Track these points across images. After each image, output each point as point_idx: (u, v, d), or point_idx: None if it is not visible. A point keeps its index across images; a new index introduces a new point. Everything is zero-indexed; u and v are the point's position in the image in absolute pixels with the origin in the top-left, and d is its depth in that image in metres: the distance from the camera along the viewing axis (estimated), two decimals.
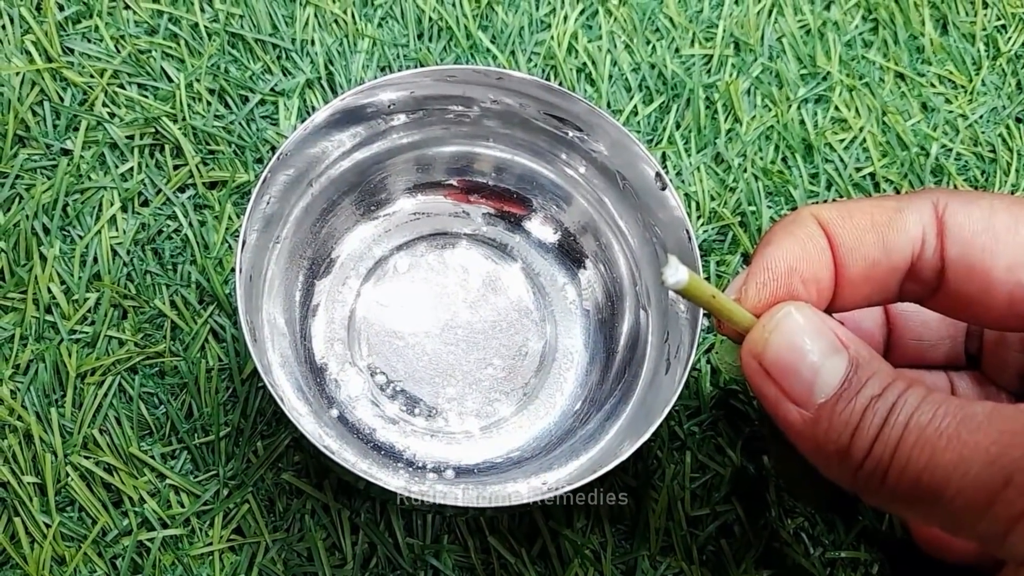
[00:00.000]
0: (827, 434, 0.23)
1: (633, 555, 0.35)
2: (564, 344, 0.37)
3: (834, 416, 0.23)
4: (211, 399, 0.35)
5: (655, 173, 0.34)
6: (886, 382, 0.23)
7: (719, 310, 0.25)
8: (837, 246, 0.26)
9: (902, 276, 0.26)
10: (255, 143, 0.39)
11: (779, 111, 0.44)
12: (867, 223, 0.26)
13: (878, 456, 0.22)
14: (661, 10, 0.45)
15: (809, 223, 0.26)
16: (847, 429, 0.23)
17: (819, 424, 0.23)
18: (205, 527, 0.34)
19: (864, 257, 0.26)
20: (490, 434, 0.36)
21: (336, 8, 0.43)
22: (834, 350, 0.24)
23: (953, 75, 0.46)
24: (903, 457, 0.22)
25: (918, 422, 0.22)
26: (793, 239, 0.26)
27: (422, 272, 0.38)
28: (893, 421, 0.22)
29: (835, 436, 0.23)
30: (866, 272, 0.26)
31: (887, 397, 0.23)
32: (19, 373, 0.35)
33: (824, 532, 0.36)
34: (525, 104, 0.35)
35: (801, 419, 0.24)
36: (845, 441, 0.23)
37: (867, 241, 0.26)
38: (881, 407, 0.22)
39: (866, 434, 0.22)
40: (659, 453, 0.37)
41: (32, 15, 0.40)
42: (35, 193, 0.37)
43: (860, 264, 0.26)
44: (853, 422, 0.23)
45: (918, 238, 0.25)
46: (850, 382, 0.23)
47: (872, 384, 0.23)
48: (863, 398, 0.23)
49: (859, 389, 0.23)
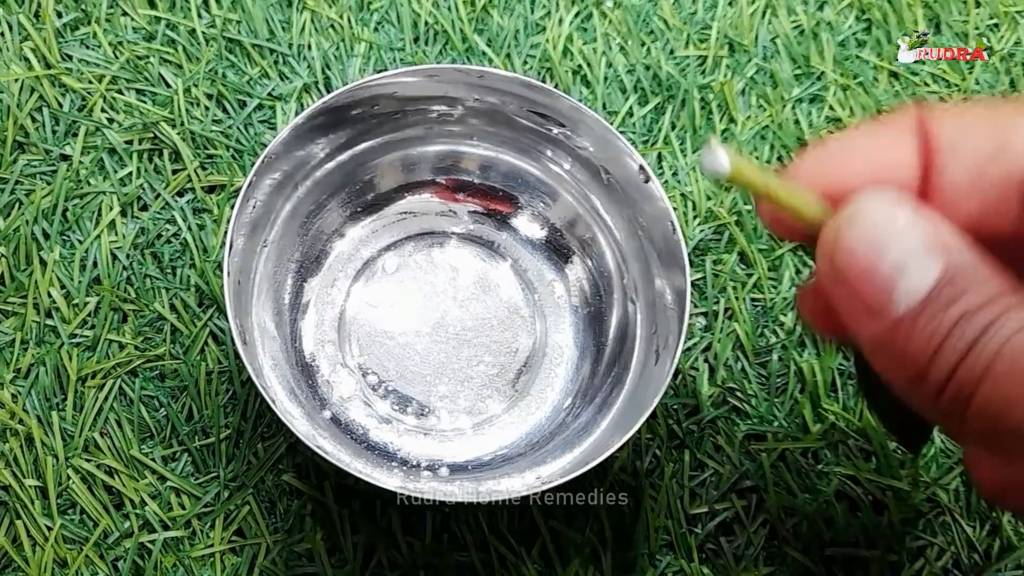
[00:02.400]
0: (904, 352, 0.19)
1: (633, 553, 0.35)
2: (554, 340, 0.38)
3: (914, 331, 0.19)
4: (211, 401, 0.35)
5: (638, 166, 0.34)
6: (988, 296, 0.19)
7: (779, 200, 0.21)
8: (936, 143, 0.21)
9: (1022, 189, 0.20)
10: (253, 147, 0.40)
11: (774, 111, 0.44)
12: (980, 117, 0.21)
13: (959, 384, 0.19)
14: (655, 12, 0.45)
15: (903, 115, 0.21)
16: (928, 348, 0.19)
17: (896, 340, 0.19)
18: (206, 529, 0.34)
19: (971, 157, 0.20)
20: (482, 431, 0.36)
21: (332, 13, 0.43)
22: (926, 251, 0.19)
23: (947, 74, 0.46)
24: (988, 390, 0.18)
25: (1012, 350, 0.18)
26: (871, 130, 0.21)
27: (411, 271, 0.38)
28: (984, 344, 0.18)
29: (913, 355, 0.19)
30: (974, 178, 0.20)
31: (983, 315, 0.18)
32: (20, 377, 0.35)
33: (823, 530, 0.36)
34: (508, 102, 0.36)
35: (875, 332, 0.20)
36: (924, 362, 0.19)
37: (976, 134, 0.20)
38: (973, 326, 0.18)
39: (949, 357, 0.19)
40: (658, 452, 0.37)
41: (31, 22, 0.40)
42: (35, 198, 0.37)
43: (966, 167, 0.20)
44: (936, 341, 0.19)
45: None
46: (940, 292, 0.19)
47: (969, 298, 0.19)
48: (953, 313, 0.19)
49: (951, 302, 0.19)
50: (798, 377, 0.38)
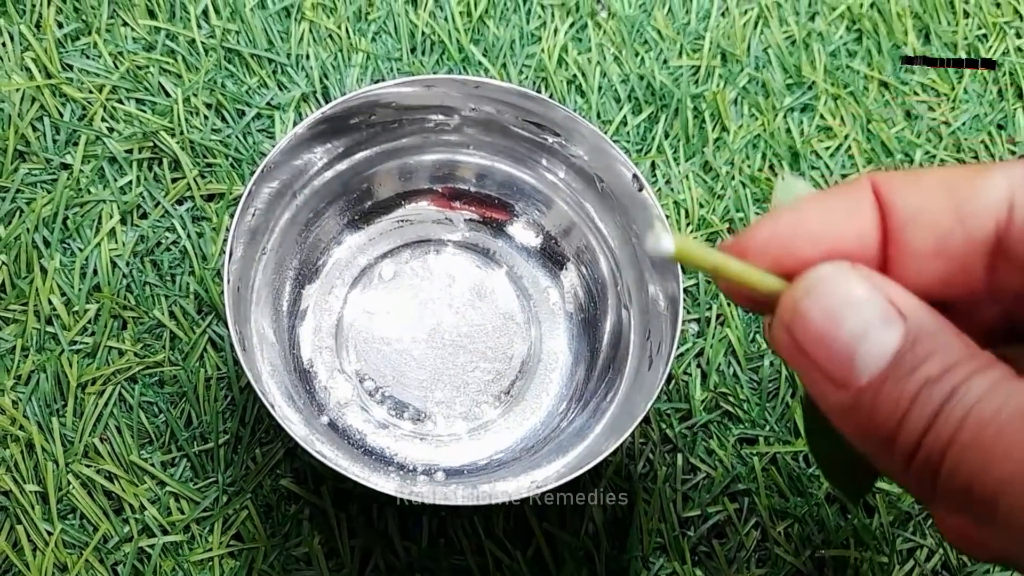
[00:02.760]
0: (870, 420, 0.19)
1: (626, 556, 0.36)
2: (548, 346, 0.38)
3: (879, 399, 0.19)
4: (210, 407, 0.36)
5: (632, 175, 0.34)
6: (950, 362, 0.18)
7: (730, 276, 0.21)
8: (894, 211, 0.21)
9: (988, 252, 0.20)
10: (251, 156, 0.40)
11: (766, 120, 0.44)
12: (936, 183, 0.20)
13: (928, 452, 0.18)
14: (649, 22, 0.46)
15: (857, 185, 0.21)
16: (895, 416, 0.19)
17: (860, 408, 0.19)
18: (205, 533, 0.34)
19: (932, 224, 0.20)
20: (478, 436, 0.36)
21: (331, 23, 0.44)
22: (884, 319, 0.19)
23: (936, 83, 0.47)
24: (956, 458, 0.18)
25: (977, 417, 0.18)
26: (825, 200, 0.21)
27: (407, 278, 0.39)
28: (949, 411, 0.18)
29: (880, 423, 0.19)
30: (936, 244, 0.20)
31: (947, 380, 0.18)
32: (21, 383, 0.35)
33: (814, 532, 0.37)
34: (504, 111, 0.36)
35: (839, 401, 0.19)
36: (891, 430, 0.19)
37: (935, 204, 0.20)
38: (937, 393, 0.18)
39: (916, 424, 0.18)
40: (651, 456, 0.37)
41: (32, 32, 0.41)
42: (35, 207, 0.38)
43: (927, 234, 0.20)
44: (902, 408, 0.18)
45: (1004, 199, 0.20)
46: (903, 359, 0.19)
47: (932, 363, 0.18)
48: (916, 380, 0.18)
49: (914, 368, 0.18)
50: (789, 382, 0.39)
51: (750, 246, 0.22)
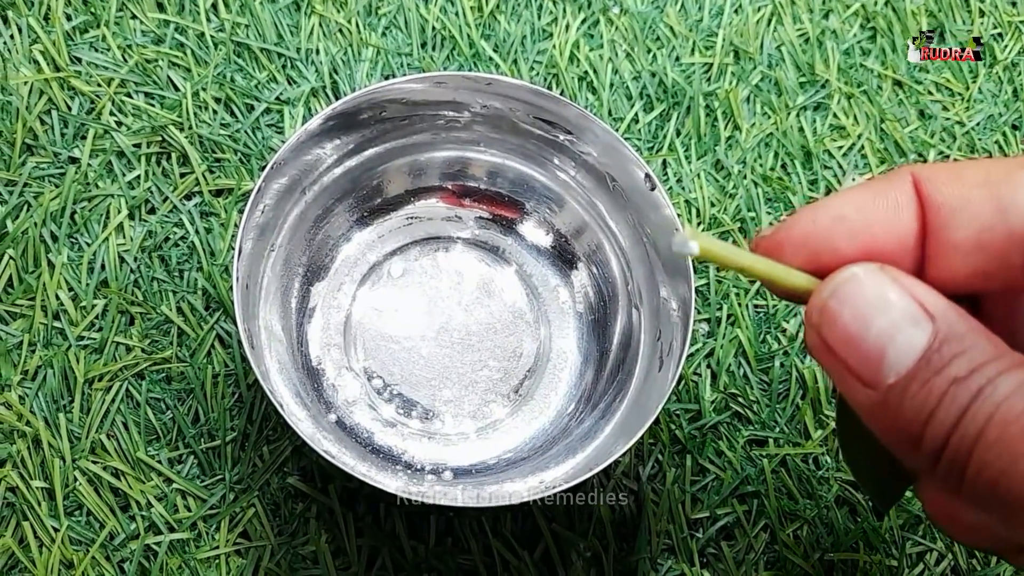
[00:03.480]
0: (898, 419, 0.19)
1: (635, 558, 0.35)
2: (558, 345, 0.38)
3: (906, 398, 0.19)
4: (217, 404, 0.36)
5: (644, 174, 0.34)
6: (978, 362, 0.19)
7: (756, 275, 0.21)
8: (935, 206, 0.21)
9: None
10: (260, 151, 0.40)
11: (778, 118, 0.44)
12: (978, 179, 0.21)
13: (955, 450, 0.19)
14: (661, 19, 0.46)
15: (898, 180, 0.21)
16: (921, 415, 0.19)
17: (889, 406, 0.19)
18: (211, 531, 0.34)
19: (972, 218, 0.21)
20: (486, 435, 0.36)
21: (340, 18, 0.43)
22: (912, 321, 0.19)
23: (950, 83, 0.46)
24: (981, 457, 0.18)
25: (1004, 415, 0.18)
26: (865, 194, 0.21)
27: (417, 276, 0.38)
28: (976, 409, 0.18)
29: (907, 422, 0.19)
30: (976, 238, 0.21)
31: (973, 380, 0.18)
32: (28, 379, 0.35)
33: (824, 535, 0.36)
34: (515, 108, 0.36)
35: (868, 400, 0.20)
36: (918, 429, 0.19)
37: (976, 199, 0.21)
38: (964, 392, 0.18)
39: (943, 423, 0.19)
40: (660, 457, 0.37)
41: (40, 25, 0.41)
42: (43, 201, 0.38)
43: (967, 228, 0.21)
44: (928, 407, 0.19)
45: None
46: (928, 360, 0.19)
47: (958, 363, 0.19)
48: (942, 379, 0.19)
49: (940, 368, 0.19)
50: (800, 383, 0.39)
51: (787, 241, 0.22)
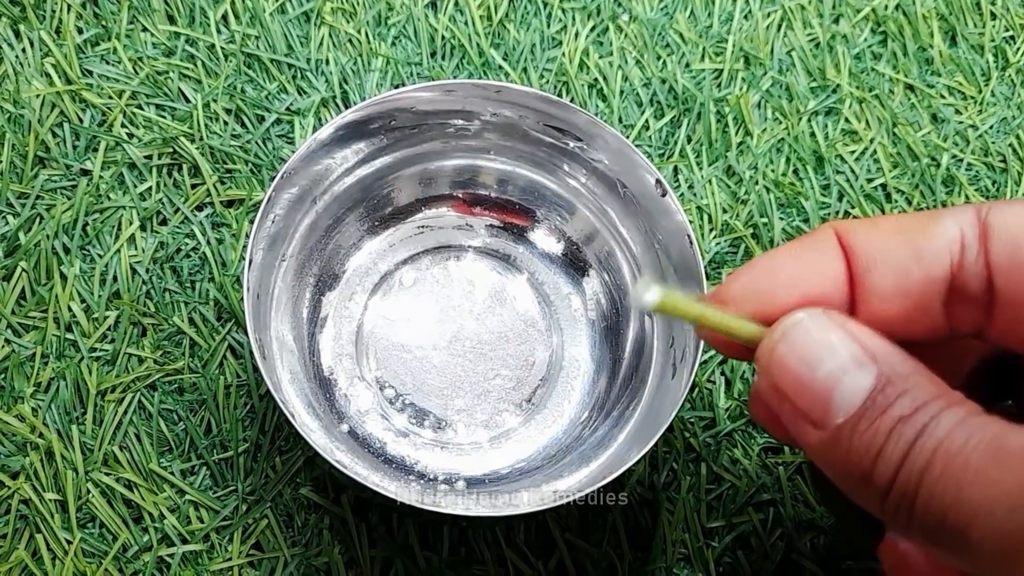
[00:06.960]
0: (847, 458, 0.20)
1: (650, 567, 0.35)
2: (570, 353, 0.38)
3: (855, 438, 0.20)
4: (230, 415, 0.36)
5: (655, 180, 0.34)
6: (921, 401, 0.20)
7: (712, 325, 0.22)
8: (857, 255, 0.23)
9: (943, 290, 0.22)
10: (271, 162, 0.40)
11: (790, 124, 0.44)
12: (894, 228, 0.22)
13: (902, 487, 0.19)
14: (671, 26, 0.46)
15: (822, 233, 0.23)
16: (869, 453, 0.20)
17: (838, 447, 0.20)
18: (224, 542, 0.34)
19: (891, 265, 0.22)
20: (499, 444, 0.36)
21: (350, 28, 0.43)
22: (857, 363, 0.20)
23: (962, 86, 0.46)
24: (928, 490, 0.19)
25: (946, 450, 0.19)
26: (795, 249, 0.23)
27: (428, 285, 0.38)
28: (920, 446, 0.19)
29: (856, 461, 0.20)
30: (897, 284, 0.22)
31: (918, 418, 0.19)
32: (40, 391, 0.35)
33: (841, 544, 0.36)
34: (525, 116, 0.36)
35: (818, 440, 0.21)
36: (867, 467, 0.20)
37: (893, 247, 0.22)
38: (909, 430, 0.19)
39: (890, 460, 0.20)
40: (675, 465, 0.37)
41: (52, 38, 0.41)
42: (55, 213, 0.38)
43: (888, 275, 0.22)
44: (876, 446, 0.20)
45: (956, 240, 0.22)
46: (874, 400, 0.20)
47: (902, 403, 0.20)
48: (888, 419, 0.20)
49: (886, 408, 0.20)
50: None
51: (729, 296, 0.23)
